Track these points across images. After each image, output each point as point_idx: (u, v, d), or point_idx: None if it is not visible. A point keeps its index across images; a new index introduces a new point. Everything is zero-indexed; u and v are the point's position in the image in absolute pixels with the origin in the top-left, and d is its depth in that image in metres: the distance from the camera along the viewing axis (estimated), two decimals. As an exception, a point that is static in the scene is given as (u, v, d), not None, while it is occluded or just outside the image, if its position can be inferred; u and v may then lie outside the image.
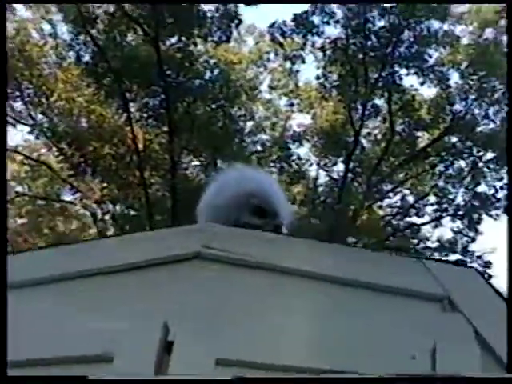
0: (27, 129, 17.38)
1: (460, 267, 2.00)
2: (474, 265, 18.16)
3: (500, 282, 2.12)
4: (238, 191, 2.70)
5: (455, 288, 1.94)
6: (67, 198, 17.20)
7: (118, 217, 16.46)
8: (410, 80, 18.83)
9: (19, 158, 17.63)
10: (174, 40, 16.69)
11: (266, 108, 21.74)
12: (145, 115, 17.16)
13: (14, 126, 16.93)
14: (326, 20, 17.57)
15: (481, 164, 19.38)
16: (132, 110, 17.17)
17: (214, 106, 17.61)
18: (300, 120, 23.35)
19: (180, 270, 2.05)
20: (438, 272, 1.97)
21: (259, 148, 20.43)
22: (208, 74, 17.81)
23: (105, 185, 16.48)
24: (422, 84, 18.56)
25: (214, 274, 2.04)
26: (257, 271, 2.03)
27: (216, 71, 18.00)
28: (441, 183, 20.22)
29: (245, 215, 2.64)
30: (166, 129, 17.01)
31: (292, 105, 21.53)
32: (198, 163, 18.54)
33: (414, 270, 1.99)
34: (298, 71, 20.26)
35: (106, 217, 15.73)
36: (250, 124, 20.70)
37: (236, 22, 16.81)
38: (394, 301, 1.95)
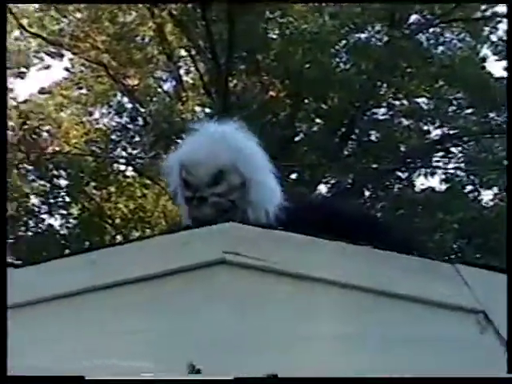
0: None
1: (497, 273, 1.91)
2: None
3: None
4: (174, 160, 2.59)
5: (491, 299, 1.86)
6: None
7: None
8: None
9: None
10: None
11: None
12: None
13: None
14: None
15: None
16: None
17: None
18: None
19: (203, 277, 2.00)
20: (472, 279, 1.89)
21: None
22: None
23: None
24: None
25: (240, 282, 1.99)
26: (284, 278, 1.97)
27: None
28: None
29: (182, 187, 2.53)
30: None
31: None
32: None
33: (446, 277, 1.91)
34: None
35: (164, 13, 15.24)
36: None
37: None
38: (424, 312, 1.89)
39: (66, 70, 17.05)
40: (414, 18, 15.66)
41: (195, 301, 1.98)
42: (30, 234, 15.73)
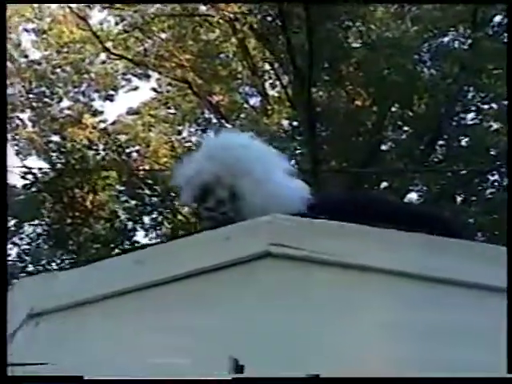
0: None
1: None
2: None
3: None
4: (181, 177, 2.63)
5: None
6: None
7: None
8: None
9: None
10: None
11: None
12: None
13: None
14: None
15: None
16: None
17: None
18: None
19: (249, 272, 1.99)
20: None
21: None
22: None
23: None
24: None
25: (286, 275, 1.98)
26: (333, 268, 1.95)
27: None
28: None
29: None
30: None
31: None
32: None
33: (492, 260, 1.86)
34: None
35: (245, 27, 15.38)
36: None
37: None
38: (469, 296, 1.84)
39: (153, 90, 17.36)
40: (497, 18, 15.35)
41: (242, 295, 1.97)
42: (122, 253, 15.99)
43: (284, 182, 2.59)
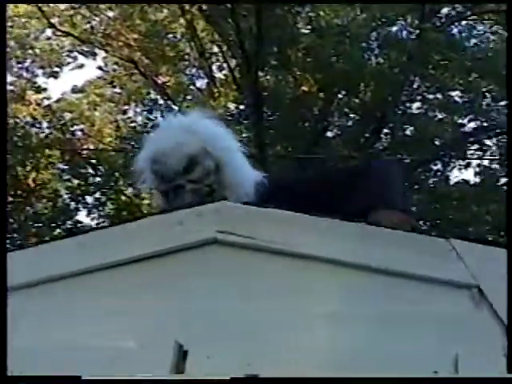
0: None
1: (493, 248, 1.87)
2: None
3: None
4: (144, 157, 2.58)
5: (486, 274, 1.82)
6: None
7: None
8: None
9: None
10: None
11: None
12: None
13: None
14: None
15: None
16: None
17: None
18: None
19: (196, 258, 1.98)
20: (467, 254, 1.85)
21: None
22: None
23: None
24: None
25: (233, 262, 1.97)
26: (278, 257, 1.94)
27: None
28: None
29: (156, 181, 2.53)
30: None
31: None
32: None
33: (441, 253, 1.87)
34: None
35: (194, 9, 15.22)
36: None
37: None
38: (419, 288, 1.85)
39: (99, 68, 17.14)
40: (445, 10, 15.49)
41: (188, 281, 1.96)
42: (63, 233, 15.83)
43: (247, 163, 2.65)
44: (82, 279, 1.99)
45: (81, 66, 16.82)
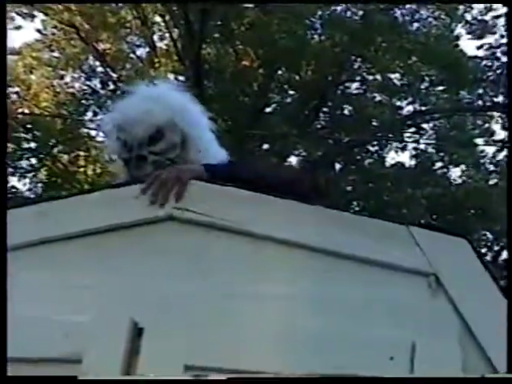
0: None
1: (450, 236, 1.87)
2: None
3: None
4: (109, 121, 2.50)
5: (443, 262, 1.83)
6: None
7: None
8: None
9: None
10: None
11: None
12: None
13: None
14: None
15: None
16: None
17: None
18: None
19: (150, 234, 1.95)
20: (424, 242, 1.85)
21: None
22: None
23: None
24: None
25: (188, 239, 1.94)
26: (233, 236, 1.92)
27: None
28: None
29: (119, 148, 2.43)
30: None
31: None
32: None
33: (399, 240, 1.87)
34: None
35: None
36: None
37: None
38: (376, 274, 1.85)
39: (38, 31, 16.79)
40: (390, -8, 15.56)
41: (141, 256, 1.93)
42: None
43: (213, 138, 2.58)
44: (34, 250, 1.94)
45: (18, 28, 16.46)
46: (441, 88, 15.83)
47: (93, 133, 16.33)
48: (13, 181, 15.60)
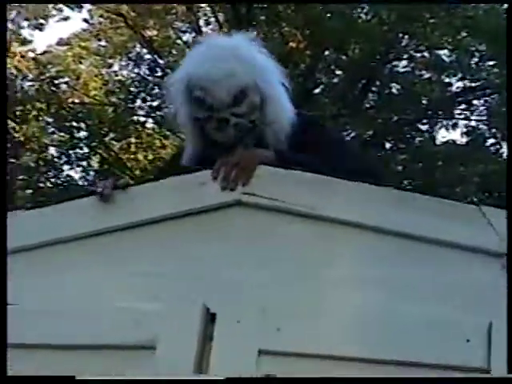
0: None
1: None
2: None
3: None
4: (182, 76, 2.36)
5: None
6: None
7: None
8: None
9: None
10: None
11: None
12: None
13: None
14: None
15: None
16: None
17: None
18: None
19: (218, 219, 1.95)
20: (496, 221, 1.82)
21: None
22: None
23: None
24: None
25: (257, 224, 1.94)
26: (303, 219, 1.92)
27: None
28: None
29: (191, 107, 2.32)
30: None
31: None
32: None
33: (470, 219, 1.84)
34: None
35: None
36: None
37: None
38: (447, 255, 1.83)
39: (85, 21, 16.92)
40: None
41: (211, 243, 1.94)
42: (49, 185, 15.77)
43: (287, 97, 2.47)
44: (101, 240, 1.97)
45: (66, 19, 16.59)
46: (491, 63, 15.58)
47: (142, 119, 16.48)
48: (66, 170, 15.79)
